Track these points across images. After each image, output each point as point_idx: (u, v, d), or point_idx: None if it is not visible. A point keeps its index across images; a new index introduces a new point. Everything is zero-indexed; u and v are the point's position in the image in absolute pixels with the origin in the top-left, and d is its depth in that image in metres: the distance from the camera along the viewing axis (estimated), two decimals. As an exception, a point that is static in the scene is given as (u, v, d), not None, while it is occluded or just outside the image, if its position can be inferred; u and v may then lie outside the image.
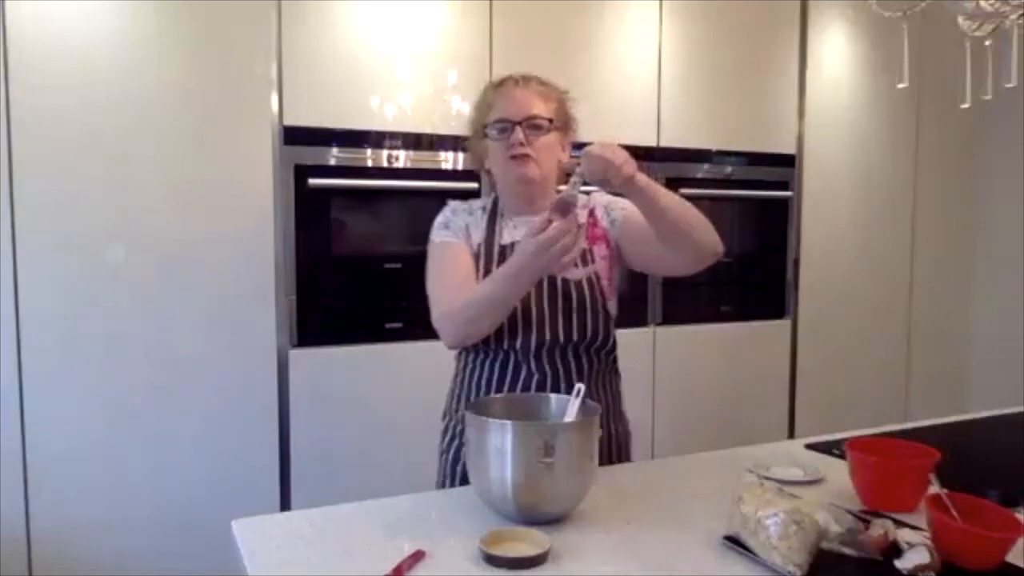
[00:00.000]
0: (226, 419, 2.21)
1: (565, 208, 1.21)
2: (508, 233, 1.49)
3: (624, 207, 1.49)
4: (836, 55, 3.16)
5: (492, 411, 1.19)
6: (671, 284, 2.88)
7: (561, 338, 1.41)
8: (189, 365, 2.16)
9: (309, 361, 2.31)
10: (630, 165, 1.24)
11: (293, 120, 2.26)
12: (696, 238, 1.38)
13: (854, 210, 3.29)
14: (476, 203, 1.56)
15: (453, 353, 1.53)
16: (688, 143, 2.87)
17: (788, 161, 3.09)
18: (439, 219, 1.53)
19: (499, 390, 1.41)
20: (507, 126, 1.43)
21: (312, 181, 2.27)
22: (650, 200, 1.30)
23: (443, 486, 1.49)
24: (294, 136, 2.26)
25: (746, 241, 3.09)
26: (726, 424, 2.99)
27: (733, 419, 3.01)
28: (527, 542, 1.04)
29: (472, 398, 1.44)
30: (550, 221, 1.21)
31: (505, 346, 1.41)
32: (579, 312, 1.42)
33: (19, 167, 1.97)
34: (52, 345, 2.03)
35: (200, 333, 2.17)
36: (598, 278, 1.47)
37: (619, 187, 1.26)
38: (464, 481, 1.35)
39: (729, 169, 2.96)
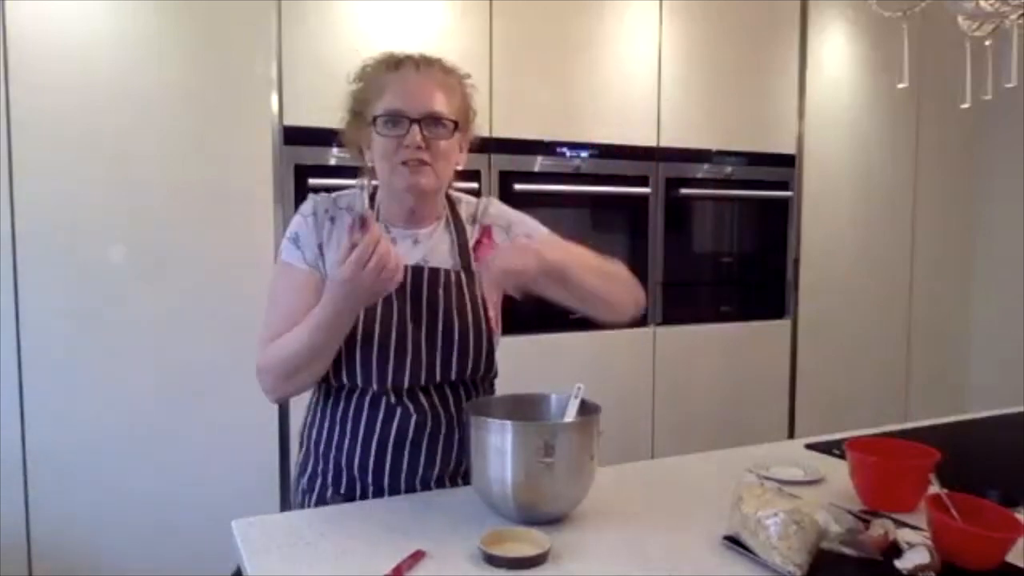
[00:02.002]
0: (226, 419, 2.21)
1: (364, 224, 1.07)
2: None
3: (529, 234, 1.33)
4: (836, 55, 3.16)
5: (492, 411, 1.19)
6: (671, 284, 2.88)
7: (438, 376, 1.24)
8: (189, 365, 2.16)
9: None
10: (535, 257, 1.11)
11: (293, 120, 2.26)
12: (614, 303, 1.25)
13: (854, 210, 3.29)
14: (346, 197, 1.31)
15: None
16: (688, 143, 2.87)
17: (788, 161, 3.09)
18: (292, 226, 1.29)
19: (368, 428, 1.25)
20: (402, 121, 1.19)
21: (312, 181, 2.27)
22: (563, 280, 1.16)
23: None
24: (294, 136, 2.26)
25: (746, 241, 3.09)
26: (726, 424, 2.99)
27: (733, 419, 3.01)
28: (527, 542, 1.03)
29: (336, 435, 1.27)
30: (354, 245, 1.06)
31: (375, 387, 1.23)
32: (460, 347, 1.25)
33: (19, 167, 1.97)
34: (52, 345, 2.03)
35: (200, 333, 2.17)
36: (484, 307, 1.28)
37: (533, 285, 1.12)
38: None
39: (729, 169, 2.96)
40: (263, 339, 1.24)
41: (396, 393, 1.24)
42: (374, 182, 1.31)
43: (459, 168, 1.30)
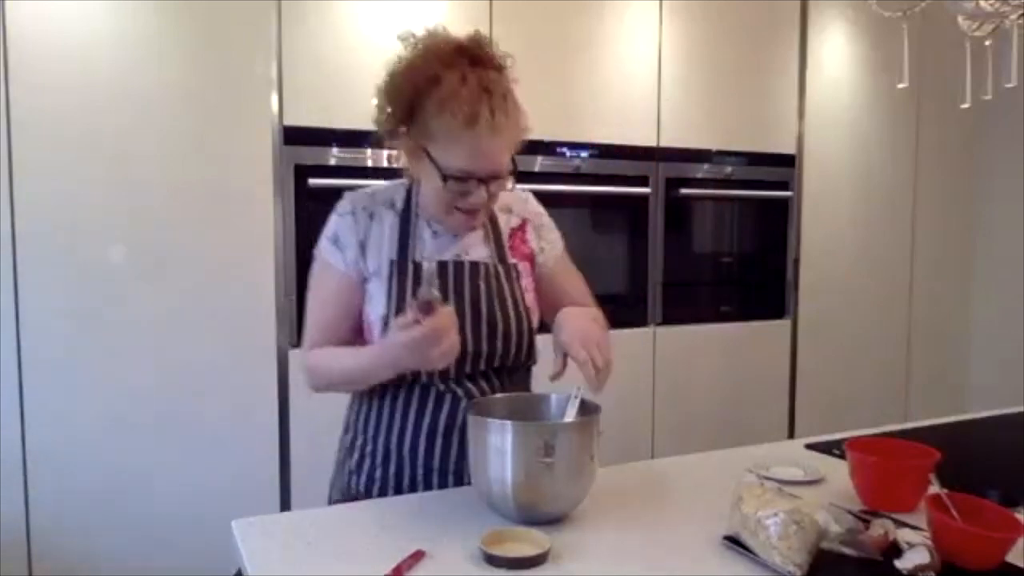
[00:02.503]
0: (226, 419, 2.21)
1: (428, 307, 1.11)
2: (427, 244, 1.30)
3: (552, 241, 1.40)
4: (836, 55, 3.16)
5: (492, 411, 1.19)
6: (671, 284, 2.88)
7: (483, 363, 1.28)
8: (189, 365, 2.16)
9: (309, 361, 2.31)
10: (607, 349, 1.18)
11: (293, 120, 2.26)
12: None
13: (854, 210, 3.29)
14: (383, 193, 1.33)
15: None
16: (688, 143, 2.87)
17: (788, 161, 3.09)
18: (331, 225, 1.31)
19: (419, 414, 1.28)
20: (470, 180, 1.20)
21: (312, 181, 2.27)
22: None
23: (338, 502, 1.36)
24: (294, 136, 2.26)
25: (746, 241, 3.09)
26: (726, 424, 2.99)
27: (733, 419, 3.01)
28: (527, 542, 1.03)
29: (385, 420, 1.31)
30: (417, 320, 1.10)
31: (423, 375, 1.27)
32: (504, 335, 1.29)
33: (19, 167, 1.97)
34: (52, 345, 2.03)
35: (200, 333, 2.17)
36: (522, 296, 1.32)
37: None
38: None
39: (729, 169, 2.96)
40: (308, 338, 1.31)
41: (443, 380, 1.27)
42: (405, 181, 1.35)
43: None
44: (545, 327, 1.32)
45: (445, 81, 1.17)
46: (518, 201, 1.40)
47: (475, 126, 1.15)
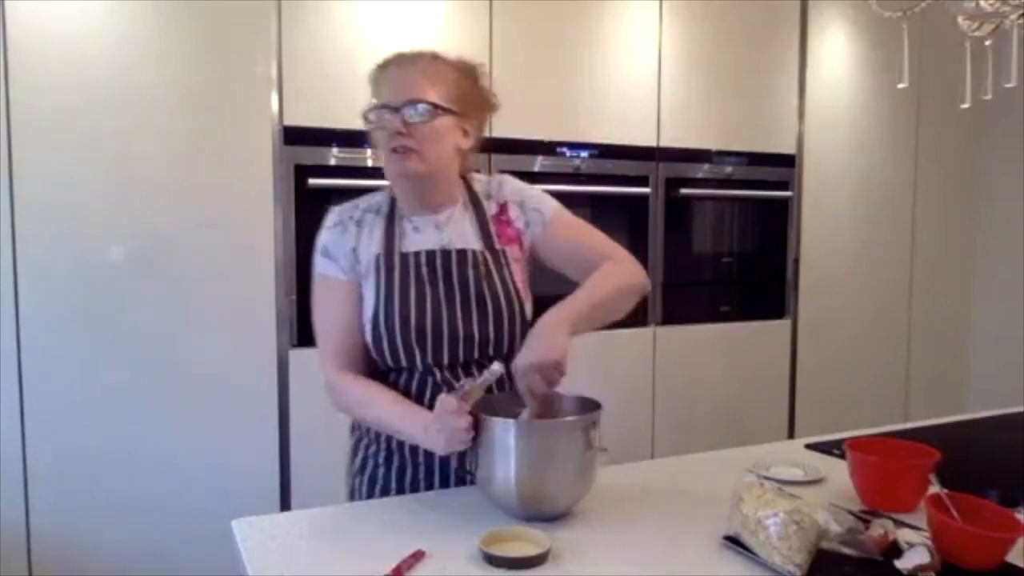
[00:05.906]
0: (226, 419, 2.21)
1: (464, 398, 1.17)
2: (409, 239, 1.33)
3: (539, 208, 1.36)
4: (836, 55, 3.16)
5: (495, 407, 1.19)
6: (671, 284, 2.88)
7: (477, 351, 1.29)
8: (189, 365, 2.16)
9: (309, 361, 2.29)
10: (559, 349, 1.15)
11: (293, 120, 2.26)
12: (623, 307, 1.32)
13: (854, 210, 3.29)
14: (367, 201, 1.38)
15: None
16: (688, 143, 2.87)
17: (788, 161, 3.09)
18: (320, 240, 1.35)
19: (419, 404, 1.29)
20: (386, 113, 1.26)
21: (312, 181, 2.27)
22: (589, 327, 1.26)
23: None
24: (294, 136, 2.26)
25: (746, 241, 3.09)
26: (726, 424, 3.00)
27: (733, 419, 3.01)
28: (527, 542, 1.04)
29: None
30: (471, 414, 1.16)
31: (419, 364, 1.29)
32: (495, 321, 1.29)
33: (19, 167, 1.97)
34: (52, 345, 2.03)
35: (200, 333, 2.17)
36: (514, 282, 1.33)
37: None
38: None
39: (729, 169, 2.96)
40: (323, 354, 1.32)
41: (440, 369, 1.29)
42: None
43: (466, 149, 1.34)
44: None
45: (378, 70, 1.31)
46: (494, 187, 1.40)
47: (387, 68, 1.29)
